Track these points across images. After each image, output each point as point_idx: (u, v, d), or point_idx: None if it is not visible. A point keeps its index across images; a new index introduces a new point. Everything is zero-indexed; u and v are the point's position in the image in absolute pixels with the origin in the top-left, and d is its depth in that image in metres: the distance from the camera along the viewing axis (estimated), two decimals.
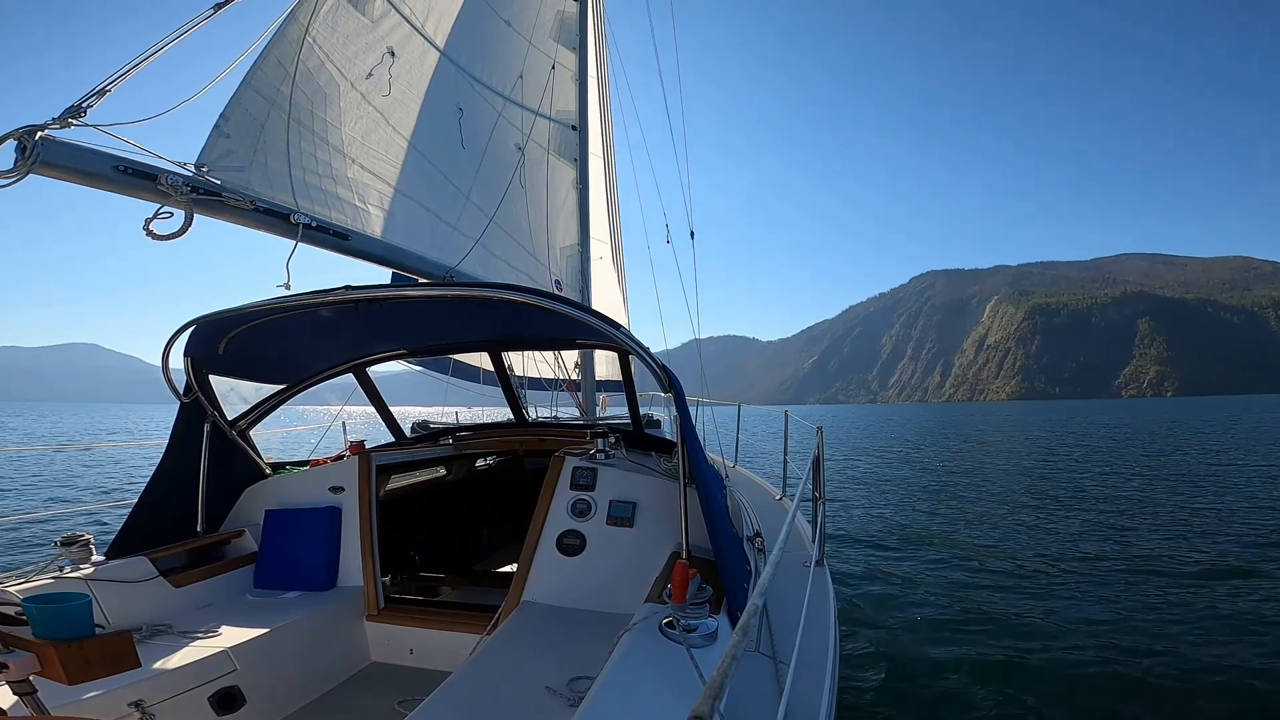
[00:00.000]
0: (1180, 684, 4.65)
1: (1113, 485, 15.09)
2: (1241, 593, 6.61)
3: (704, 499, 2.41)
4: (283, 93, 3.45)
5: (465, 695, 1.99)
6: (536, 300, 2.40)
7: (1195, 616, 6.00)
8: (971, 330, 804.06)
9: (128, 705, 2.02)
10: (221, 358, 3.16)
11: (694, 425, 2.67)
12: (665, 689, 1.58)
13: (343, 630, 3.01)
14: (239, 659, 2.43)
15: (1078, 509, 12.21)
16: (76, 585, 2.45)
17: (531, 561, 2.93)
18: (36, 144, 2.24)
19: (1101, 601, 6.61)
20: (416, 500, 4.27)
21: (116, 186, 2.56)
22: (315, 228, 3.35)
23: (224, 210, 2.95)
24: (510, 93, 5.78)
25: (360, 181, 3.98)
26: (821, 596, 2.74)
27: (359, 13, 4.04)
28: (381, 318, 3.17)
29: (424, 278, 4.24)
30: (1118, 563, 8.14)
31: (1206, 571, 7.51)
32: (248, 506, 3.46)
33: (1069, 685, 4.65)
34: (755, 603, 1.17)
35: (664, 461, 3.26)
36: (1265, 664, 4.80)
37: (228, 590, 3.04)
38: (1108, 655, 5.15)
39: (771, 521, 3.91)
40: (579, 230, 6.97)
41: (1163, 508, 11.94)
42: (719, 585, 2.21)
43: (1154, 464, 19.38)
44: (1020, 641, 5.45)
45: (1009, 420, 65.20)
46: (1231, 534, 9.34)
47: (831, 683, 2.07)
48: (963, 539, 9.82)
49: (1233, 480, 14.83)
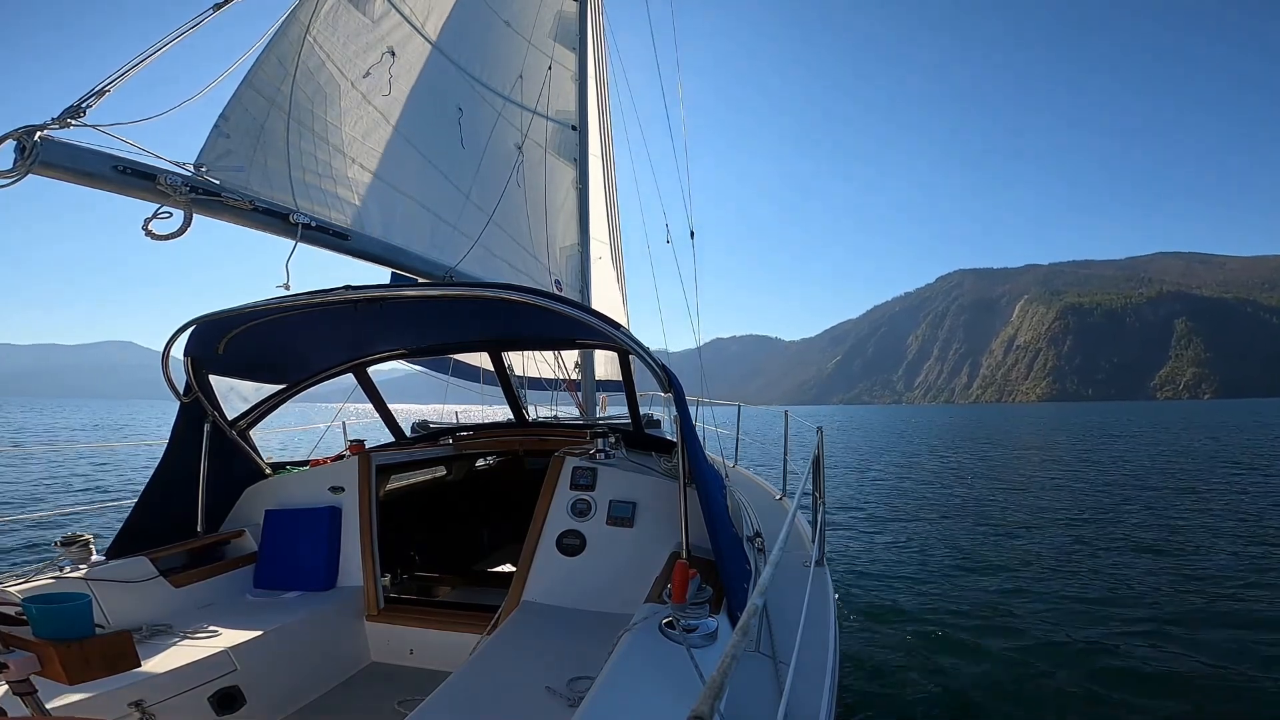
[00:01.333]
0: (1187, 679, 4.65)
1: (1129, 488, 15.05)
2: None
3: (704, 499, 2.40)
4: (283, 92, 3.45)
5: (465, 695, 1.99)
6: (536, 300, 2.40)
7: (1195, 616, 6.00)
8: (1000, 330, 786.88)
9: (128, 705, 2.02)
10: (221, 358, 3.16)
11: (694, 425, 2.67)
12: (665, 689, 1.58)
13: (342, 630, 3.01)
14: (239, 659, 2.43)
15: (1090, 510, 12.21)
16: (76, 585, 2.45)
17: (531, 561, 2.93)
18: (35, 144, 2.23)
19: (1103, 601, 6.61)
20: (416, 500, 4.27)
21: (115, 187, 2.56)
22: (314, 228, 3.35)
23: (223, 210, 2.95)
24: (510, 93, 5.78)
25: (360, 181, 3.98)
26: (821, 596, 2.74)
27: (359, 12, 4.04)
28: (381, 318, 3.17)
29: (424, 278, 4.24)
30: (1129, 565, 8.14)
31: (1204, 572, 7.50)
32: (248, 506, 3.46)
33: (1069, 686, 4.65)
34: (755, 603, 1.17)
35: (664, 461, 3.26)
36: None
37: (227, 590, 3.04)
38: (1109, 656, 5.15)
39: (771, 522, 3.91)
40: (579, 230, 6.97)
41: (1179, 502, 11.94)
42: (719, 585, 2.21)
43: (1181, 464, 19.10)
44: (1020, 642, 5.45)
45: (1039, 422, 63.54)
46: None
47: (831, 683, 2.07)
48: (963, 539, 9.82)
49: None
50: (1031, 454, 25.40)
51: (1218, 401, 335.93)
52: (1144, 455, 22.73)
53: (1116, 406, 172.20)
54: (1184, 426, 43.28)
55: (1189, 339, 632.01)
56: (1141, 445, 27.60)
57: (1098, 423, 55.22)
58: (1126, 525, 10.41)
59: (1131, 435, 34.67)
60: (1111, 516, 11.27)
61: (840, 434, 39.97)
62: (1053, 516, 11.53)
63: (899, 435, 39.95)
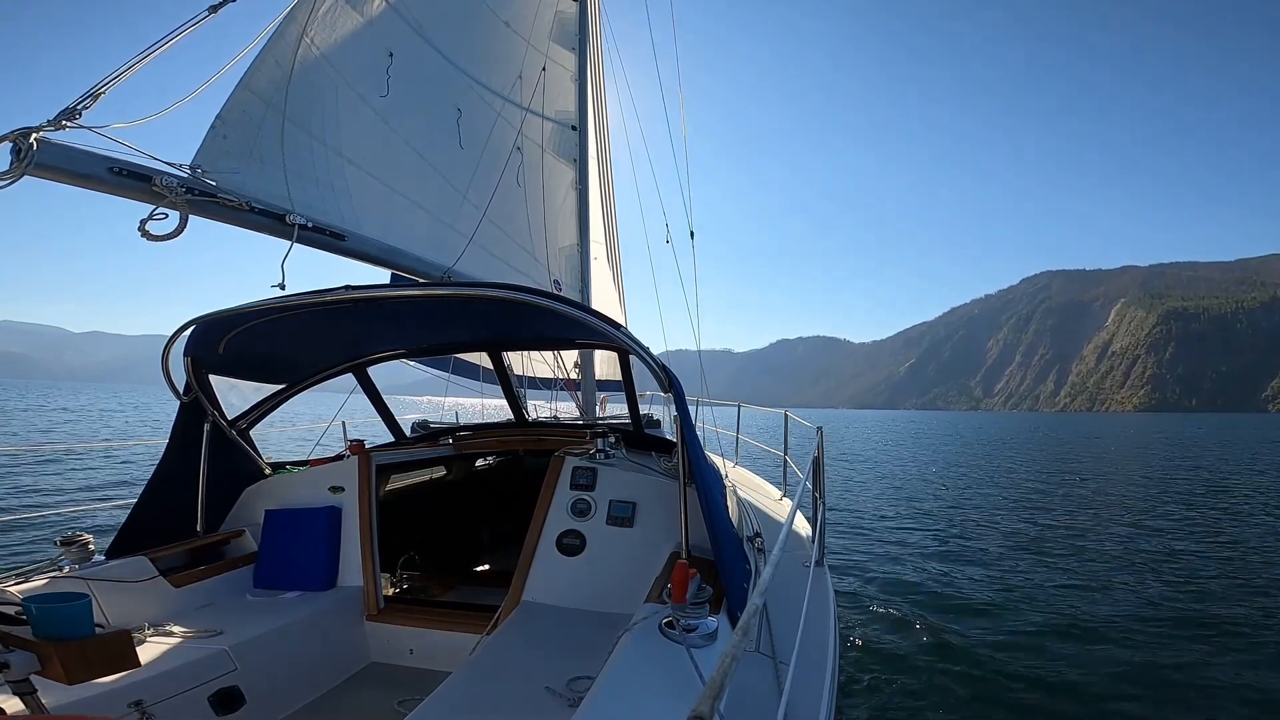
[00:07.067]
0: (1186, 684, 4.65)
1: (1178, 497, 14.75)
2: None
3: (704, 499, 2.40)
4: (280, 93, 3.44)
5: (465, 695, 1.99)
6: (537, 300, 2.40)
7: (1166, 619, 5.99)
8: (1093, 335, 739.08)
9: (127, 705, 2.02)
10: (221, 357, 3.16)
11: (694, 425, 2.67)
12: (665, 689, 1.58)
13: (342, 630, 3.01)
14: (239, 659, 2.43)
15: (1110, 517, 12.20)
16: (76, 585, 2.45)
17: (531, 561, 2.93)
18: (31, 146, 2.23)
19: (1105, 602, 6.61)
20: (416, 500, 4.27)
21: (111, 188, 2.55)
22: (311, 228, 3.34)
23: (219, 211, 2.94)
24: (509, 93, 5.77)
25: (357, 182, 3.97)
26: (821, 596, 2.74)
27: (357, 13, 4.03)
28: (381, 318, 3.17)
29: (422, 278, 4.24)
30: (1131, 567, 8.14)
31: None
32: (248, 506, 3.46)
33: (1069, 686, 4.65)
34: (755, 603, 1.17)
35: (664, 461, 3.26)
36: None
37: (227, 590, 3.04)
38: (1109, 656, 5.16)
39: (771, 522, 3.92)
40: (578, 230, 6.97)
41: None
42: (719, 585, 2.21)
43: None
44: (1020, 642, 5.46)
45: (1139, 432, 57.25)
46: None
47: (831, 683, 2.07)
48: (964, 539, 9.83)
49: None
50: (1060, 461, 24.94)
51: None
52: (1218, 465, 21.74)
53: (1221, 419, 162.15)
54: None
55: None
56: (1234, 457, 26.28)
57: (1193, 435, 50.31)
58: (1167, 535, 10.17)
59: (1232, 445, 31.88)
60: (1146, 525, 11.13)
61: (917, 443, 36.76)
62: (1058, 518, 11.53)
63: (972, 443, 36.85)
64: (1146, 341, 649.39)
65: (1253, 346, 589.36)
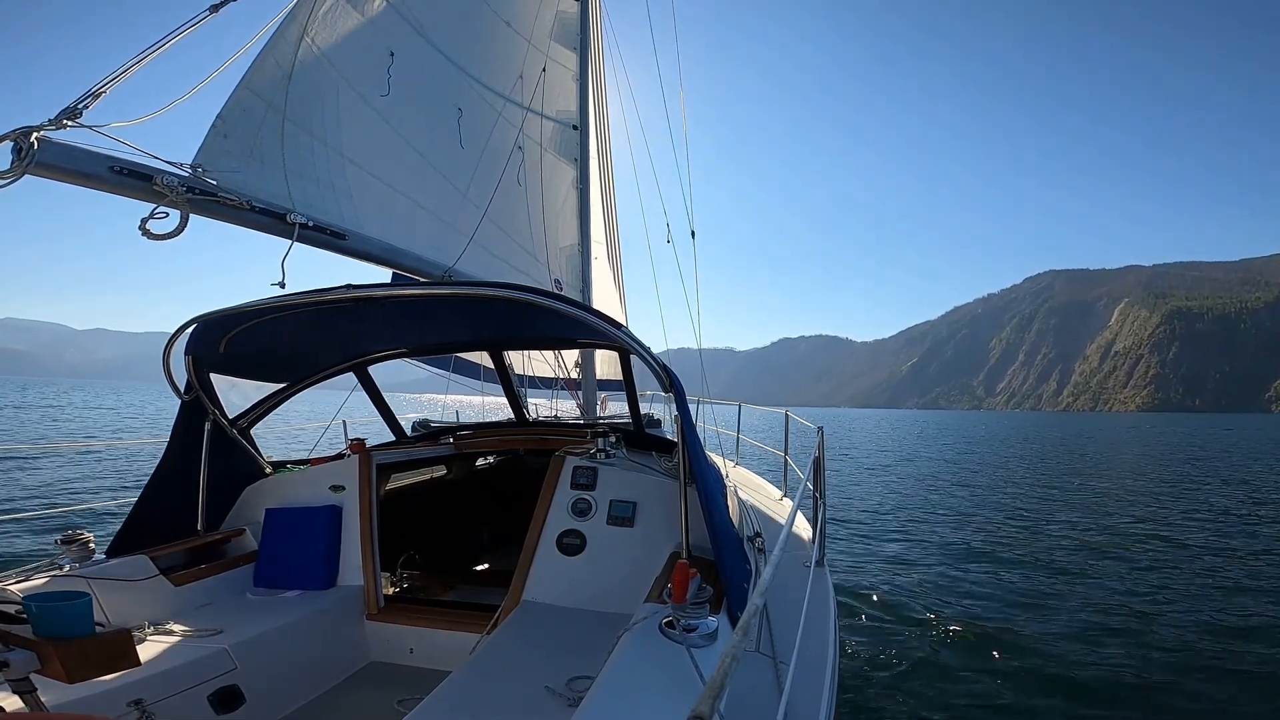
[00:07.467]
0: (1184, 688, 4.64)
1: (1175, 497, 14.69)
2: None
3: (704, 499, 2.40)
4: (280, 93, 3.44)
5: (465, 695, 1.99)
6: (537, 299, 2.40)
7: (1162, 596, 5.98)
8: (1096, 335, 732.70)
9: (127, 704, 2.02)
10: (222, 356, 3.16)
11: (695, 425, 2.67)
12: (665, 689, 1.58)
13: (342, 629, 3.01)
14: (239, 658, 2.43)
15: (1103, 516, 12.20)
16: (77, 584, 2.45)
17: (531, 561, 2.93)
18: (32, 145, 2.23)
19: (1110, 602, 6.61)
20: (417, 499, 4.27)
21: (112, 187, 2.55)
22: (312, 227, 3.34)
23: (220, 210, 2.94)
24: (510, 93, 5.77)
25: (358, 181, 3.97)
26: (821, 596, 2.74)
27: (358, 13, 4.03)
28: (382, 317, 3.17)
29: (423, 277, 4.24)
30: (1132, 566, 8.13)
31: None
32: (248, 505, 3.46)
33: (1069, 687, 4.65)
34: (755, 603, 1.17)
35: (664, 461, 3.26)
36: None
37: (228, 589, 3.04)
38: (1109, 657, 5.15)
39: (771, 522, 3.92)
40: (579, 230, 6.96)
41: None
42: (719, 585, 2.21)
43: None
44: (1020, 642, 5.45)
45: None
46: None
47: (831, 683, 2.07)
48: (965, 539, 9.82)
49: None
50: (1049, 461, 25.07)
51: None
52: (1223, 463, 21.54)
53: (1224, 419, 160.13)
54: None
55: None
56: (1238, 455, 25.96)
57: (1198, 434, 49.35)
58: (1173, 539, 10.06)
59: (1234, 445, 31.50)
60: (1145, 522, 11.14)
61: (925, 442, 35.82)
62: (1059, 519, 11.52)
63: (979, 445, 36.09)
64: (1150, 341, 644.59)
65: (1257, 347, 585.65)
